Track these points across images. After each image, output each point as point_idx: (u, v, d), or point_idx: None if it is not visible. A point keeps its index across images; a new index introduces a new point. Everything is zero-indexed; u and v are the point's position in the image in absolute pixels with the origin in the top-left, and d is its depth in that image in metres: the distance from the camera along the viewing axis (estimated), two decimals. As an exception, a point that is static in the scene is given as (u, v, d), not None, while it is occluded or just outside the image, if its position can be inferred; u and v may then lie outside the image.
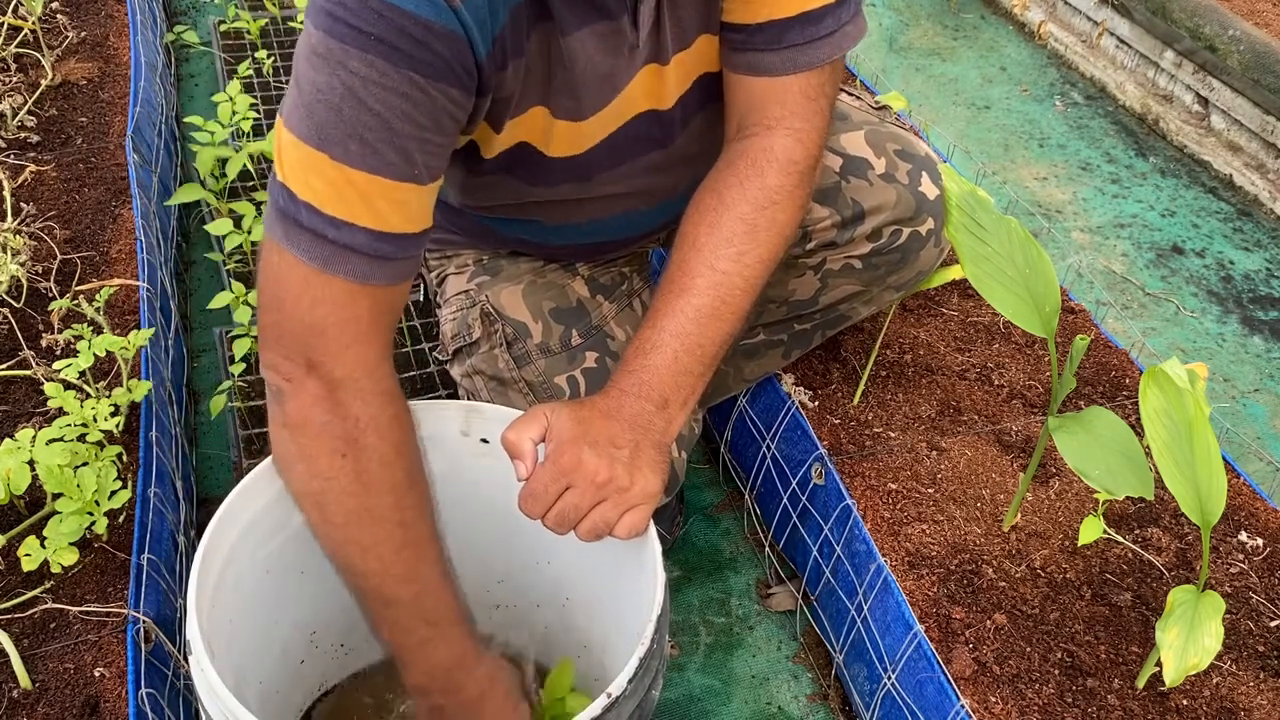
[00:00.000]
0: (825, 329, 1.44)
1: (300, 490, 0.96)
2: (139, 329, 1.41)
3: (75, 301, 1.45)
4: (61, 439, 1.20)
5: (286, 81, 2.42)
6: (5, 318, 1.48)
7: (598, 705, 0.87)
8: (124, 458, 1.29)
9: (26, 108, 1.90)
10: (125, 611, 1.13)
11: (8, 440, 1.19)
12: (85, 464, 1.19)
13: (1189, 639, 1.02)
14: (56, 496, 1.17)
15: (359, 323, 0.93)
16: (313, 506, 0.96)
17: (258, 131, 2.23)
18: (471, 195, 1.21)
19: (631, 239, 1.32)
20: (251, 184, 2.09)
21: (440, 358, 1.36)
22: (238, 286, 1.68)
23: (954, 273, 1.38)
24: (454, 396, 1.38)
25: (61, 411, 1.26)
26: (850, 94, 1.43)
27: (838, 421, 1.45)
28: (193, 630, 0.92)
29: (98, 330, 1.43)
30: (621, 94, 1.08)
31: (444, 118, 0.92)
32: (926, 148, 1.35)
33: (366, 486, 0.94)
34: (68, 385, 1.31)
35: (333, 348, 0.92)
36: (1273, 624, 1.22)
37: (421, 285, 1.79)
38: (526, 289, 1.27)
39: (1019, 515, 1.33)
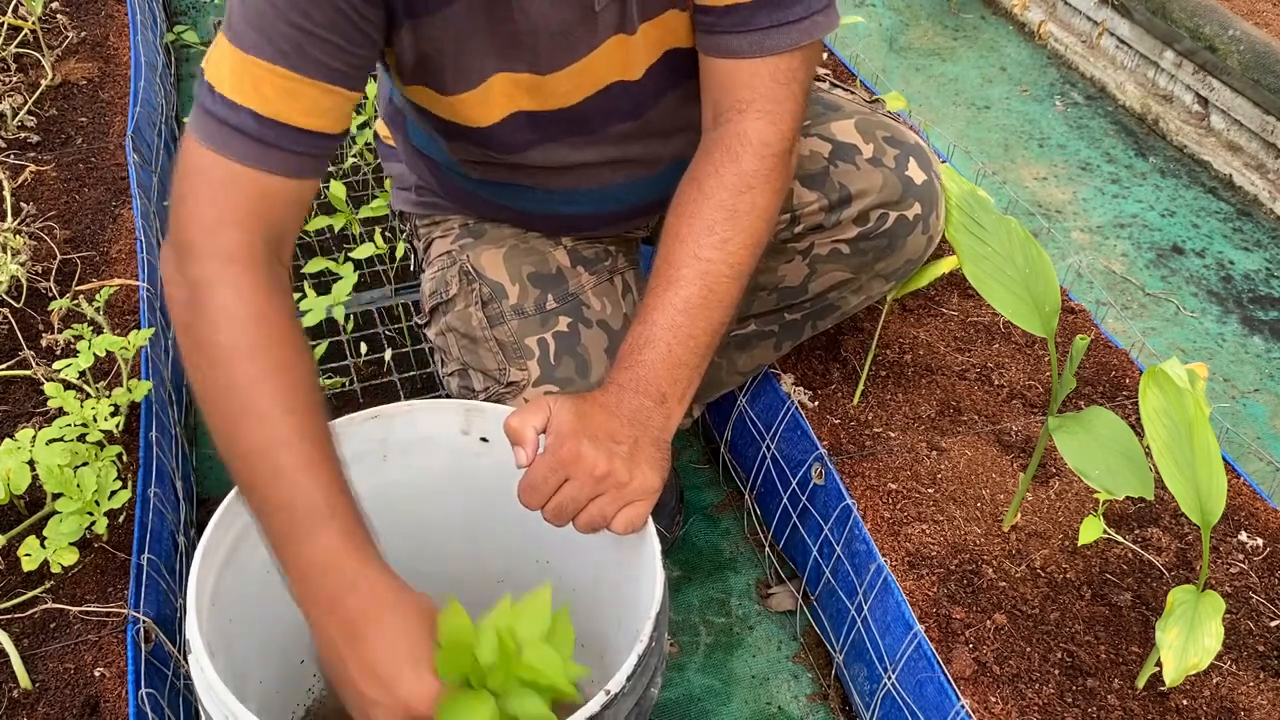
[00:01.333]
0: (815, 319, 1.44)
1: (187, 369, 0.97)
2: (139, 329, 1.42)
3: (75, 301, 1.45)
4: (61, 439, 1.20)
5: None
6: (5, 318, 1.48)
7: (596, 702, 0.87)
8: (124, 458, 1.29)
9: (26, 108, 1.90)
10: (125, 611, 1.13)
11: (8, 440, 1.19)
12: (85, 464, 1.20)
13: (1189, 639, 1.02)
14: (56, 496, 1.17)
15: (237, 209, 0.95)
16: (190, 372, 0.96)
17: (258, 131, 2.23)
18: (457, 151, 1.23)
19: (613, 216, 1.32)
20: (251, 184, 2.09)
21: (418, 322, 1.37)
22: (238, 286, 1.68)
23: (946, 265, 1.38)
24: (451, 397, 1.38)
25: (61, 411, 1.26)
26: (845, 89, 1.44)
27: (838, 421, 1.45)
28: (192, 630, 0.92)
29: (98, 330, 1.43)
30: (588, 60, 1.10)
31: (341, 20, 0.96)
32: (917, 137, 1.36)
33: (208, 359, 0.93)
34: (68, 385, 1.31)
35: (207, 224, 0.95)
36: (1273, 624, 1.22)
37: (412, 257, 1.80)
38: (508, 252, 1.28)
39: (1019, 515, 1.33)
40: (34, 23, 2.05)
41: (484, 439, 1.14)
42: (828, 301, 1.41)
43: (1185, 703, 1.14)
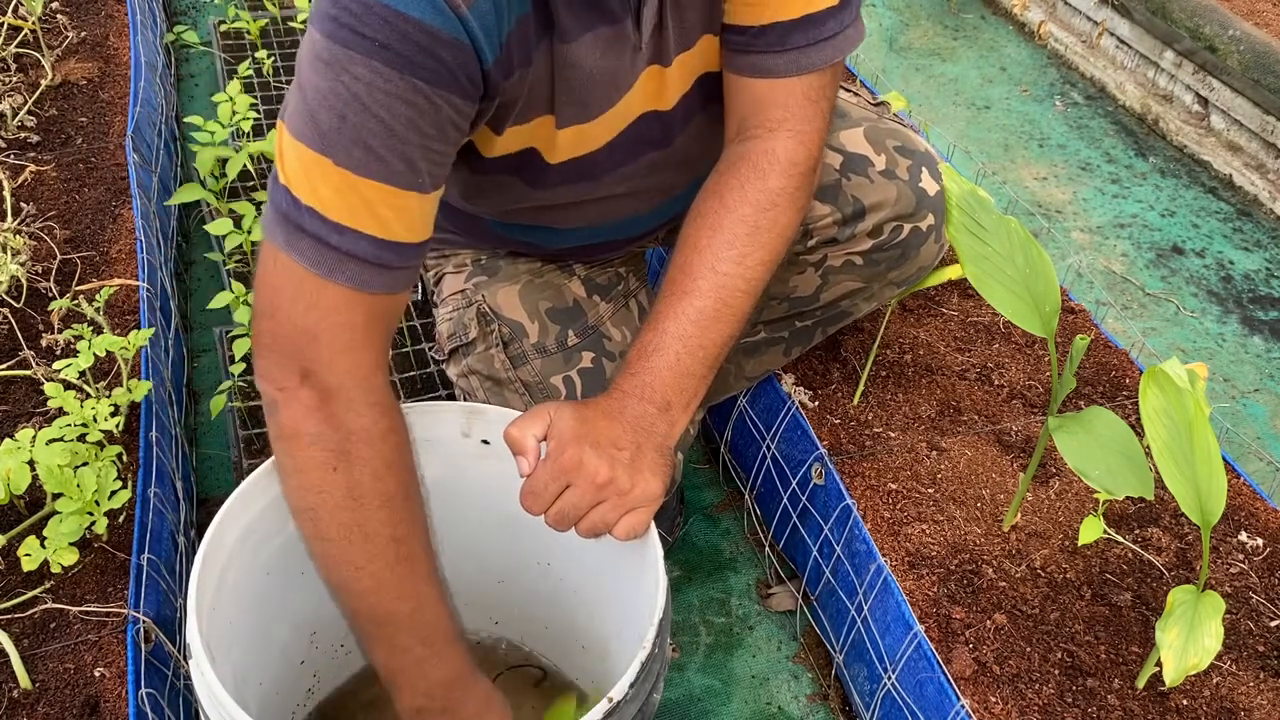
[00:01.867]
0: (826, 325, 1.44)
1: (295, 504, 0.95)
2: (139, 329, 1.41)
3: (75, 301, 1.45)
4: (61, 439, 1.20)
5: (287, 82, 2.42)
6: (5, 318, 1.48)
7: (599, 710, 0.87)
8: (124, 458, 1.29)
9: (26, 108, 1.90)
10: (125, 611, 1.13)
11: (8, 440, 1.19)
12: (85, 464, 1.19)
13: (1189, 639, 1.02)
14: (56, 496, 1.17)
15: (354, 330, 0.92)
16: (307, 521, 0.95)
17: (258, 131, 2.23)
18: (473, 197, 1.21)
19: (630, 240, 1.32)
20: (251, 184, 2.09)
21: (436, 358, 1.36)
22: (238, 286, 1.68)
23: (952, 272, 1.38)
24: (453, 397, 1.38)
25: (61, 411, 1.26)
26: (847, 89, 1.44)
27: (838, 421, 1.45)
28: (193, 633, 0.92)
29: (98, 330, 1.43)
30: (625, 97, 1.08)
31: (448, 126, 0.92)
32: (925, 143, 1.35)
33: (358, 500, 0.93)
34: (68, 385, 1.31)
35: (325, 355, 0.91)
36: (1273, 624, 1.22)
37: (420, 284, 1.79)
38: (523, 289, 1.27)
39: (1019, 515, 1.33)
40: (34, 23, 2.05)
41: (485, 441, 1.14)
42: (840, 309, 1.41)
43: (1185, 703, 1.14)
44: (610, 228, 1.26)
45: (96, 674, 1.09)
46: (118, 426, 1.30)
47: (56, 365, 1.32)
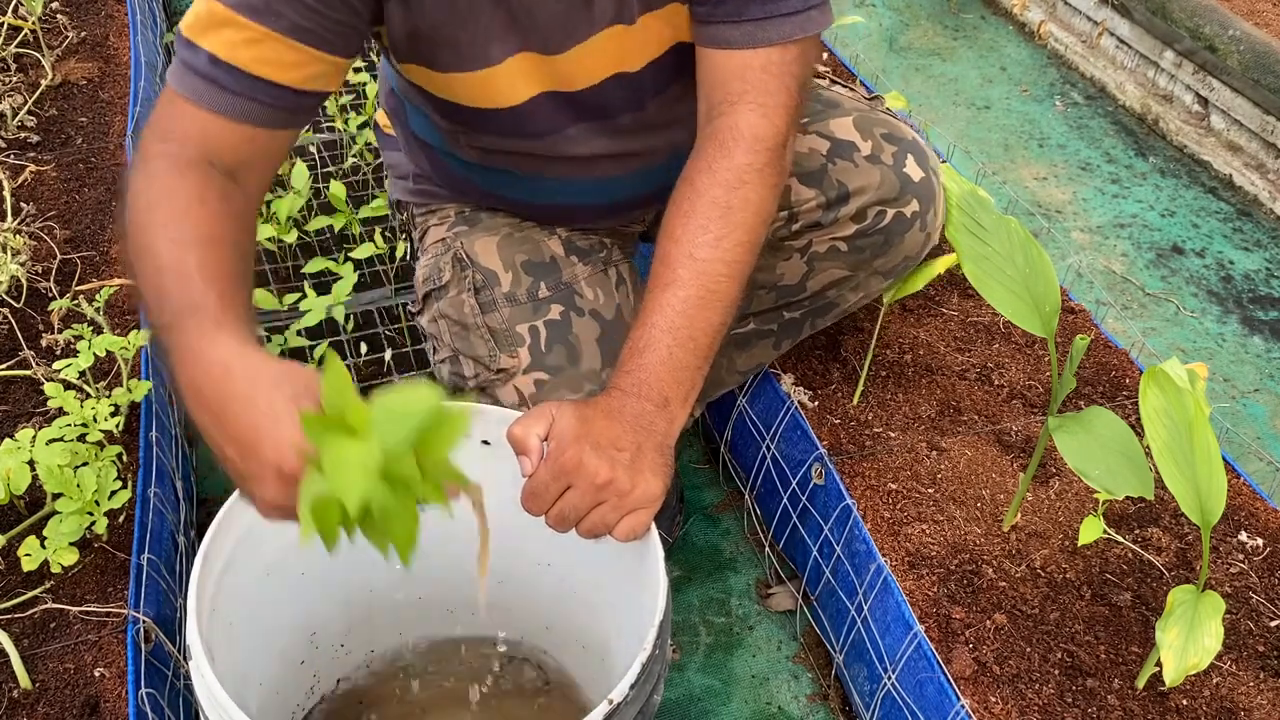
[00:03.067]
0: (814, 317, 1.44)
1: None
2: (139, 329, 1.41)
3: (75, 301, 1.45)
4: (61, 439, 1.20)
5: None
6: (5, 318, 1.48)
7: (599, 712, 0.87)
8: (124, 458, 1.29)
9: (26, 108, 1.90)
10: (125, 611, 1.13)
11: (8, 440, 1.19)
12: (85, 464, 1.20)
13: (1189, 639, 1.02)
14: (56, 496, 1.17)
15: (185, 136, 0.99)
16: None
17: (258, 131, 2.23)
18: (453, 136, 1.24)
19: (609, 207, 1.33)
20: (251, 184, 2.09)
21: (411, 310, 1.37)
22: (238, 286, 1.68)
23: (942, 264, 1.38)
24: (454, 397, 1.38)
25: (61, 411, 1.26)
26: (843, 85, 1.44)
27: (838, 421, 1.45)
28: (193, 635, 0.92)
29: (98, 330, 1.43)
30: (588, 45, 1.10)
31: None
32: (915, 134, 1.36)
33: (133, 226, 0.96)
34: (68, 385, 1.31)
35: (155, 138, 1.00)
36: (1273, 624, 1.22)
37: (408, 247, 1.80)
38: (502, 240, 1.29)
39: (1019, 515, 1.33)
40: (34, 23, 2.05)
41: (485, 442, 1.14)
42: (827, 299, 1.41)
43: (1185, 703, 1.14)
44: (587, 189, 1.27)
45: (96, 674, 1.09)
46: (118, 426, 1.30)
47: (56, 365, 1.32)
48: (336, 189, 1.88)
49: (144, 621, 1.12)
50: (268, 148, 1.03)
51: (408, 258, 1.86)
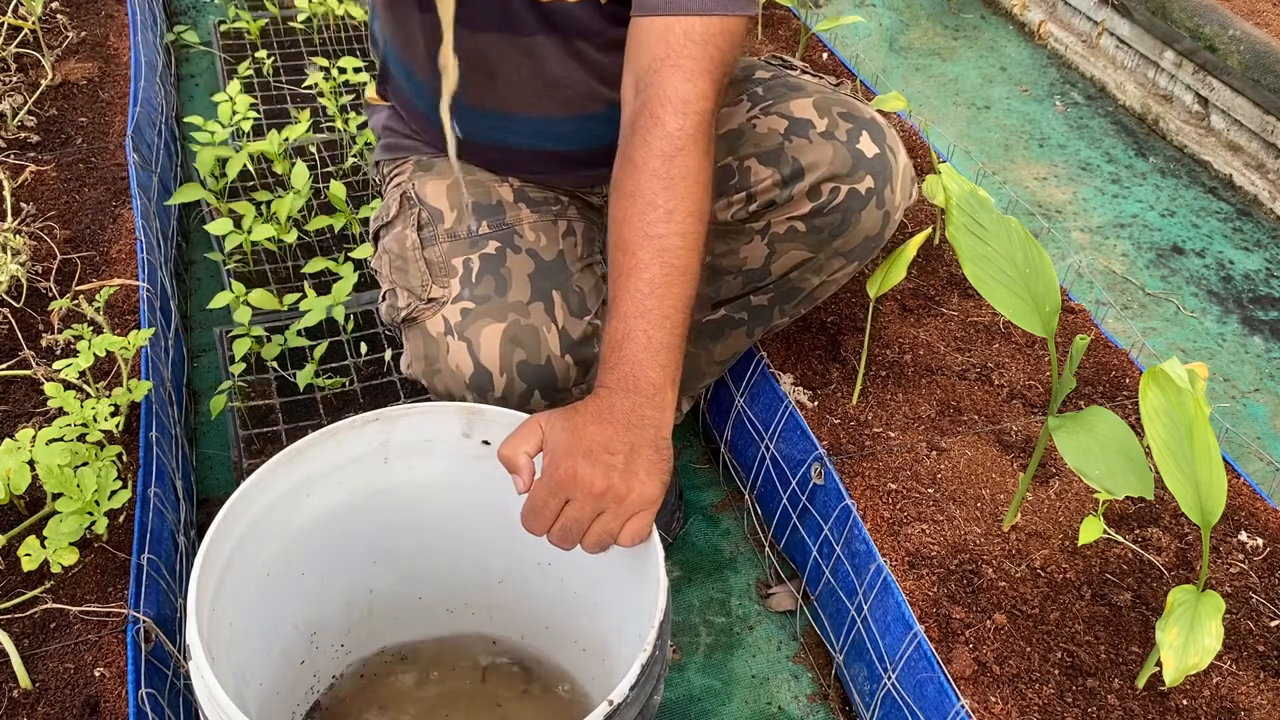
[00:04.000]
0: (782, 303, 1.44)
1: None
2: (139, 329, 1.42)
3: (75, 301, 1.45)
4: (61, 439, 1.20)
5: (287, 81, 2.42)
6: (5, 318, 1.48)
7: (599, 712, 0.87)
8: (124, 458, 1.29)
9: (26, 108, 1.90)
10: (125, 611, 1.13)
11: (8, 440, 1.19)
12: (85, 464, 1.20)
13: (1189, 639, 1.02)
14: (56, 496, 1.17)
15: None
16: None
17: (258, 131, 2.23)
18: (419, 39, 1.26)
19: (556, 156, 1.34)
20: (251, 184, 2.09)
21: (370, 265, 1.38)
22: (238, 286, 1.68)
23: (915, 244, 1.35)
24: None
25: (61, 411, 1.26)
26: (814, 76, 1.45)
27: (837, 421, 1.45)
28: (192, 635, 0.92)
29: (98, 330, 1.43)
30: None
31: None
32: (875, 113, 1.36)
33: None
34: (68, 385, 1.31)
35: None
36: (1273, 624, 1.22)
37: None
38: (453, 184, 1.31)
39: (1019, 515, 1.33)
40: (34, 23, 2.05)
41: (485, 442, 1.14)
42: (791, 283, 1.41)
43: (1185, 703, 1.14)
44: (527, 128, 1.30)
45: (96, 674, 1.09)
46: (118, 426, 1.30)
47: (56, 365, 1.32)
48: (336, 189, 1.88)
49: (144, 621, 1.12)
50: None
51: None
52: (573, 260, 1.29)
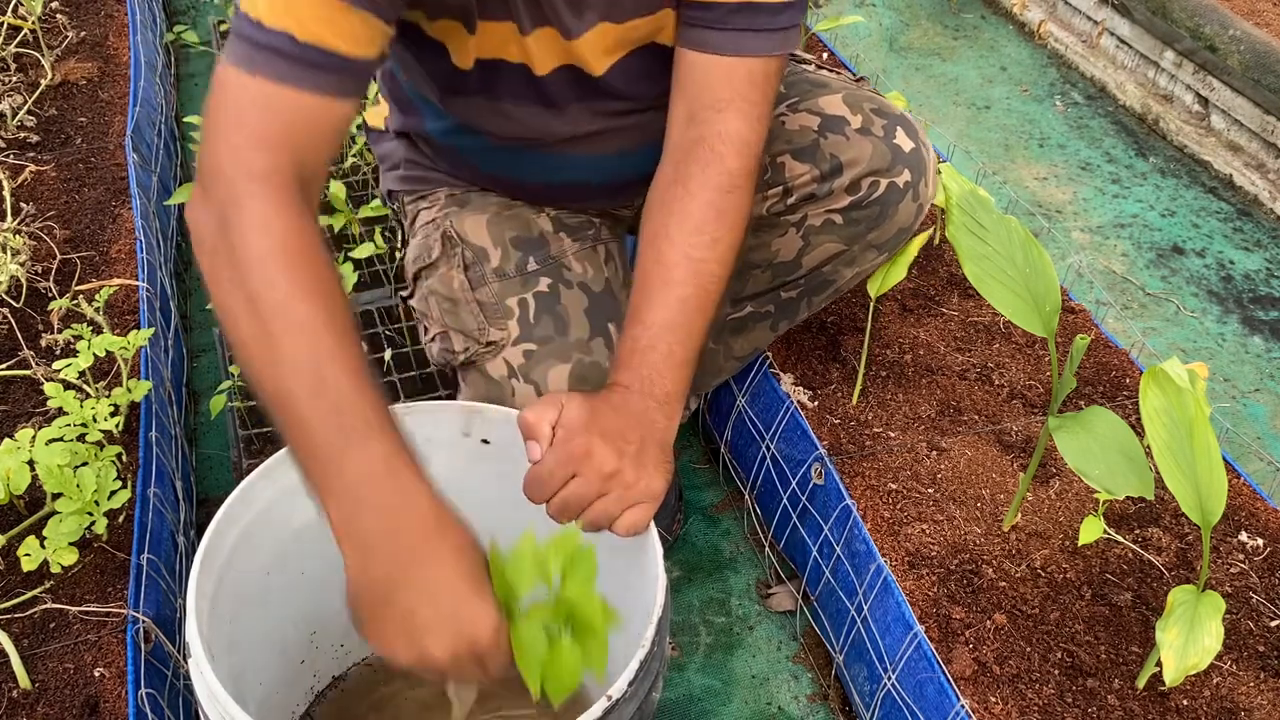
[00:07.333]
0: (811, 296, 1.45)
1: (215, 301, 0.94)
2: (139, 329, 1.41)
3: (75, 301, 1.45)
4: (61, 439, 1.20)
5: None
6: (5, 318, 1.48)
7: (598, 708, 0.87)
8: (124, 458, 1.29)
9: (26, 108, 1.90)
10: (125, 611, 1.13)
11: (8, 440, 1.19)
12: (85, 464, 1.19)
13: (1189, 639, 1.02)
14: (56, 496, 1.17)
15: (268, 131, 0.93)
16: (216, 294, 0.93)
17: (258, 131, 2.23)
18: (451, 108, 1.25)
19: (597, 188, 1.34)
20: (251, 184, 2.09)
21: (403, 296, 1.38)
22: (238, 286, 1.68)
23: (917, 243, 1.37)
24: (453, 397, 1.38)
25: (61, 411, 1.26)
26: (829, 70, 1.46)
27: (837, 421, 1.45)
28: (192, 634, 0.92)
29: (97, 330, 1.43)
30: (576, 44, 1.13)
31: None
32: (902, 110, 1.38)
33: (239, 269, 0.90)
34: (68, 385, 1.31)
35: (234, 145, 0.93)
36: (1273, 624, 1.22)
37: (400, 234, 1.81)
38: (492, 218, 1.30)
39: (1019, 515, 1.33)
40: (34, 23, 2.05)
41: (485, 441, 1.14)
42: (822, 276, 1.42)
43: (1185, 703, 1.14)
44: (582, 165, 1.29)
45: (96, 674, 1.09)
46: (117, 426, 1.30)
47: (56, 365, 1.32)
48: (336, 189, 1.88)
49: (144, 621, 1.12)
50: (339, 128, 1.00)
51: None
52: (618, 288, 1.29)
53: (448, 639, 0.84)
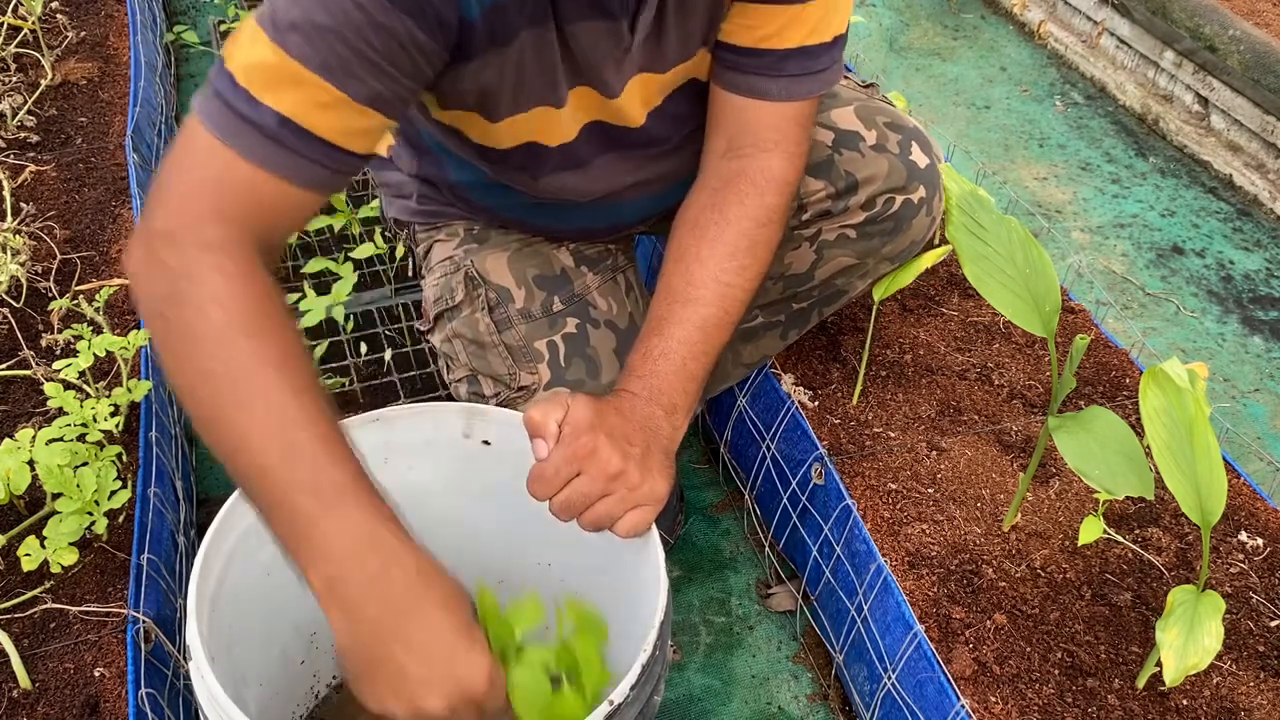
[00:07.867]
0: (822, 306, 1.45)
1: (156, 346, 0.90)
2: (139, 329, 1.41)
3: (75, 301, 1.45)
4: (61, 439, 1.20)
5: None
6: (5, 318, 1.48)
7: (600, 713, 0.87)
8: (124, 458, 1.29)
9: (26, 108, 1.90)
10: (125, 611, 1.13)
11: (8, 440, 1.19)
12: (85, 464, 1.20)
13: (1189, 639, 1.02)
14: (56, 496, 1.17)
15: (229, 205, 0.89)
16: (171, 367, 0.88)
17: (258, 131, 2.23)
18: (488, 171, 1.23)
19: (621, 226, 1.35)
20: (251, 184, 2.09)
21: (420, 328, 1.37)
22: (238, 286, 1.68)
23: (931, 258, 1.37)
24: (452, 398, 1.38)
25: (61, 411, 1.26)
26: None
27: (837, 421, 1.45)
28: (192, 635, 0.92)
29: (98, 330, 1.43)
30: (616, 102, 1.13)
31: (398, 51, 0.91)
32: (914, 121, 1.39)
33: (195, 343, 0.85)
34: (68, 385, 1.31)
35: (193, 213, 0.88)
36: (1273, 624, 1.22)
37: (411, 261, 1.81)
38: (512, 256, 1.30)
39: (1019, 515, 1.33)
40: (34, 23, 2.05)
41: (486, 442, 1.14)
42: (835, 287, 1.42)
43: (1185, 703, 1.14)
44: (607, 210, 1.30)
45: (96, 674, 1.09)
46: (118, 426, 1.30)
47: (56, 365, 1.32)
48: (336, 189, 1.87)
49: (144, 621, 1.12)
50: (306, 213, 0.97)
51: (408, 258, 1.86)
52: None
53: (443, 692, 0.82)
